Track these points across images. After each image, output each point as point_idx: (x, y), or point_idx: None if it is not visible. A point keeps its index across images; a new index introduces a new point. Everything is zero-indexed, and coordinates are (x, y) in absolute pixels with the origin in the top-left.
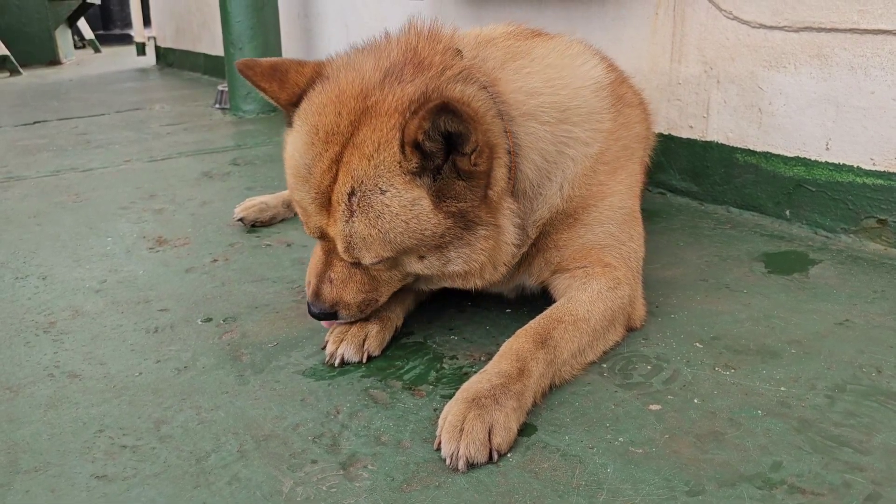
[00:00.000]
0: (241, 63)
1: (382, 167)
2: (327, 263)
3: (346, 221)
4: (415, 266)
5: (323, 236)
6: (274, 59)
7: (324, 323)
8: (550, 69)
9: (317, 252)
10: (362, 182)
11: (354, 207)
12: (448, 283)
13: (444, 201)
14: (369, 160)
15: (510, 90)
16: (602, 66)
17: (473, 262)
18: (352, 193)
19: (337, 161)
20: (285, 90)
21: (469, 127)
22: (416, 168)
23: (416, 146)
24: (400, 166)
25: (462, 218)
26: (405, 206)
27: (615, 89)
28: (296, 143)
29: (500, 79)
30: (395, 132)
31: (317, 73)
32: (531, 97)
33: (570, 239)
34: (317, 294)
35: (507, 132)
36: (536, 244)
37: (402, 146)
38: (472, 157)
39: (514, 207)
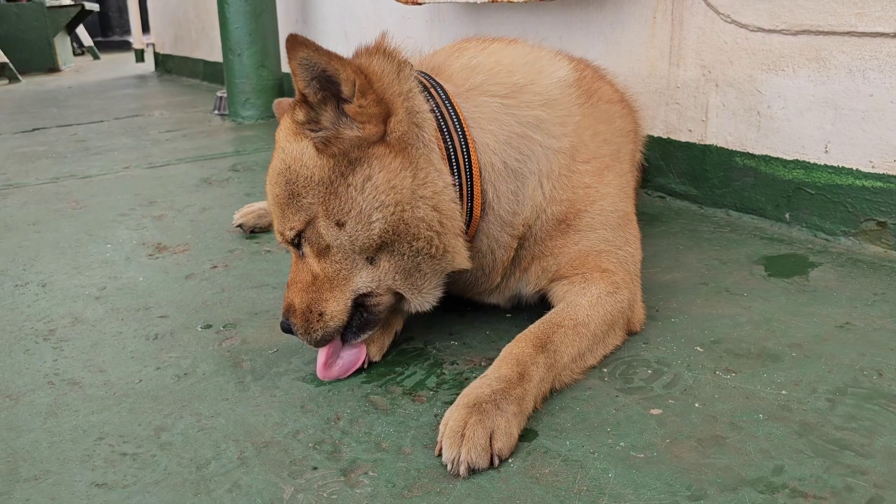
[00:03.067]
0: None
1: (283, 130)
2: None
3: (272, 198)
4: (340, 236)
5: (283, 240)
6: None
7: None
8: (505, 59)
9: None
10: (279, 152)
11: (274, 180)
12: (421, 277)
13: (329, 146)
14: (280, 131)
15: (453, 69)
16: (569, 66)
17: (391, 206)
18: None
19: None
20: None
21: (333, 64)
22: (303, 119)
23: (304, 100)
24: (292, 121)
25: (344, 157)
26: (294, 156)
27: (588, 86)
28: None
29: (444, 64)
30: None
31: None
32: (475, 73)
33: (565, 246)
34: (285, 305)
35: (430, 90)
36: (531, 251)
37: (294, 105)
38: (357, 101)
39: (438, 154)
